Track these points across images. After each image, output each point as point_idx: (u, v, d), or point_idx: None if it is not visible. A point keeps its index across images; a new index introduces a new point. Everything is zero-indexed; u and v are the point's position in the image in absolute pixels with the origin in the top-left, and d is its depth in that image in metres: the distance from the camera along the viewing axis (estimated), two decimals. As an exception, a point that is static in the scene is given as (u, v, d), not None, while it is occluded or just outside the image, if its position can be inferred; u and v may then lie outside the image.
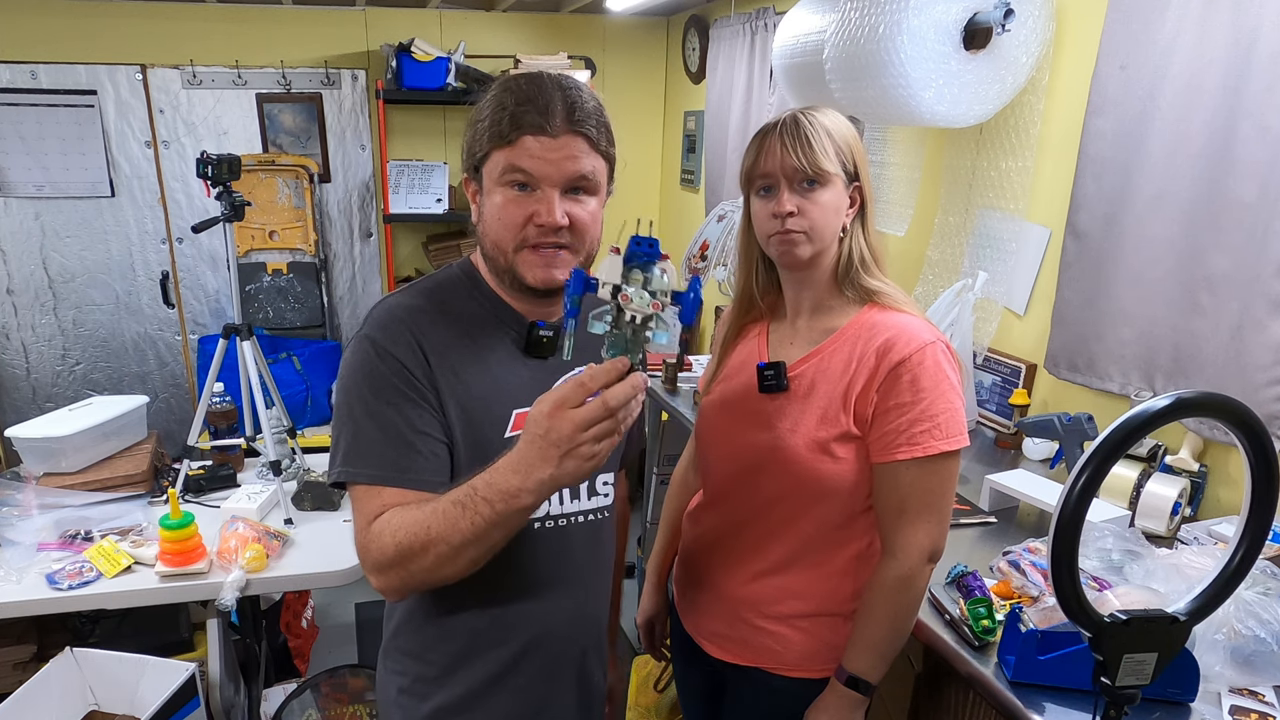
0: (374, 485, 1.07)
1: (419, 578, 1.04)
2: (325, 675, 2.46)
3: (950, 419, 1.21)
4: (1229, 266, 1.67)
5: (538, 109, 1.05)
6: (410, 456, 1.08)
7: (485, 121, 1.08)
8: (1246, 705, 1.23)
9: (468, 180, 1.15)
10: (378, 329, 1.11)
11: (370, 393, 1.08)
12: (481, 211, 1.13)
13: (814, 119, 1.25)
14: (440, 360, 1.10)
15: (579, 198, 1.10)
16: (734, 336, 1.43)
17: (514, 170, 1.06)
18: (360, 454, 1.08)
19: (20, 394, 4.12)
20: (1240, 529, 0.97)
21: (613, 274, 0.93)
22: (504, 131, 1.06)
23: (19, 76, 3.77)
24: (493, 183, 1.09)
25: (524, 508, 0.96)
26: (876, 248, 1.32)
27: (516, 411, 1.15)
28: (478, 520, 0.97)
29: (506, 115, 1.06)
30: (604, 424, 0.90)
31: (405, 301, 1.15)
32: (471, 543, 0.98)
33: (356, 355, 1.10)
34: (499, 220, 1.09)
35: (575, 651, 1.27)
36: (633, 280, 0.93)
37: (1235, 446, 1.00)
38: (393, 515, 1.04)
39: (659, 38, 4.42)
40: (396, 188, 4.03)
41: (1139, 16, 1.81)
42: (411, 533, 1.00)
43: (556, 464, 0.91)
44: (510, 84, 1.09)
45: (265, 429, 2.29)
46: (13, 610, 1.93)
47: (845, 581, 1.34)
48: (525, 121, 1.05)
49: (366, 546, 1.05)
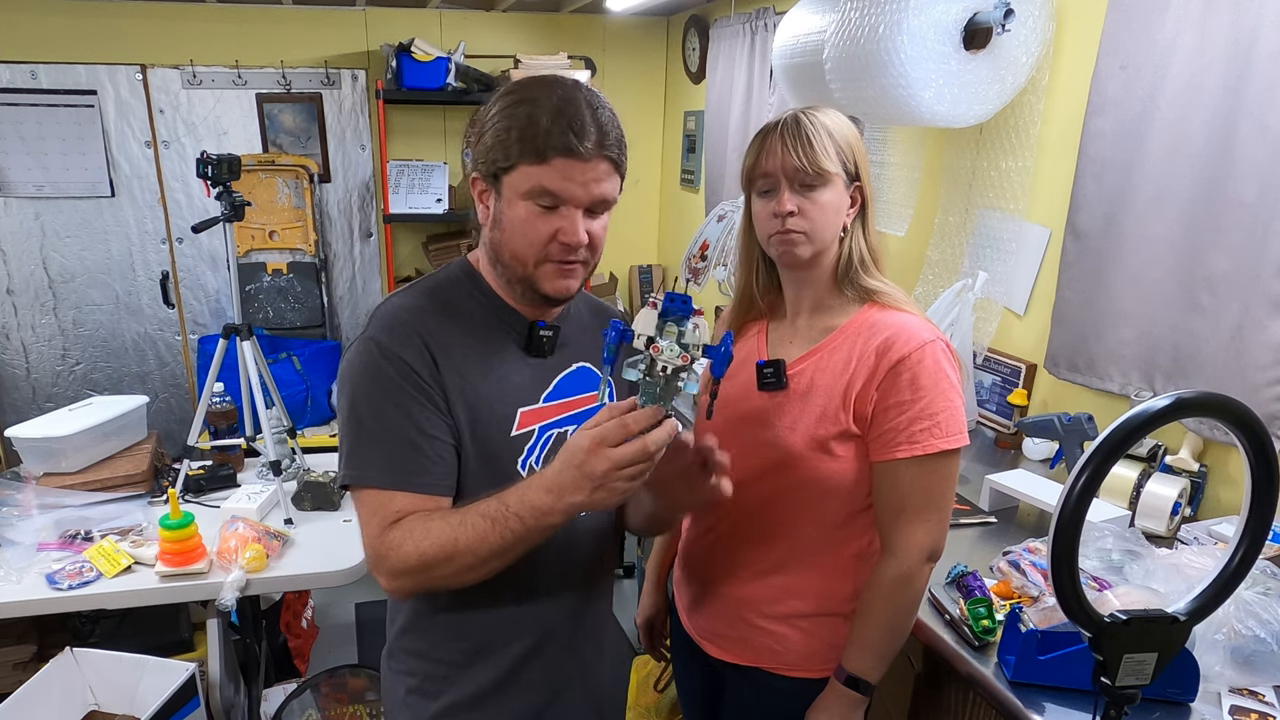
0: (385, 490, 1.08)
1: (437, 584, 1.08)
2: (325, 675, 2.46)
3: (950, 417, 1.21)
4: (1229, 266, 1.67)
5: (574, 130, 1.04)
6: (418, 460, 1.08)
7: (513, 132, 1.05)
8: (1246, 705, 1.23)
9: (477, 180, 1.13)
10: (383, 330, 1.11)
11: (378, 395, 1.08)
12: (498, 219, 1.11)
13: (815, 119, 1.25)
14: (446, 360, 1.11)
15: (597, 215, 1.11)
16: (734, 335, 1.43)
17: (543, 191, 1.06)
18: (369, 457, 1.09)
19: (20, 394, 4.12)
20: (1240, 529, 0.97)
21: (647, 326, 0.99)
22: (539, 148, 1.04)
23: (19, 76, 3.77)
24: (517, 195, 1.08)
25: (551, 525, 1.01)
26: (876, 248, 1.32)
27: (521, 410, 1.16)
28: (507, 535, 1.01)
29: (540, 132, 1.04)
30: (640, 466, 0.96)
31: (409, 302, 1.15)
32: (497, 555, 1.03)
33: (362, 357, 1.10)
34: (522, 235, 1.09)
35: (582, 646, 1.28)
36: (667, 333, 0.99)
37: (1235, 446, 1.00)
38: (414, 524, 1.06)
39: (659, 38, 4.42)
40: (396, 188, 4.03)
41: (1139, 16, 1.81)
42: (437, 544, 1.03)
43: (589, 494, 0.97)
44: (538, 93, 1.06)
45: (265, 429, 2.29)
46: (13, 610, 1.93)
47: (845, 581, 1.34)
48: (560, 143, 1.04)
49: (383, 553, 1.07)
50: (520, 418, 1.16)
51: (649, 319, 0.99)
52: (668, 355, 0.97)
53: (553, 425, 1.19)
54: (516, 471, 1.15)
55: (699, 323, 1.00)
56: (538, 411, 1.18)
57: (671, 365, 0.98)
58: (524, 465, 1.16)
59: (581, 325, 1.27)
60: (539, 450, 1.18)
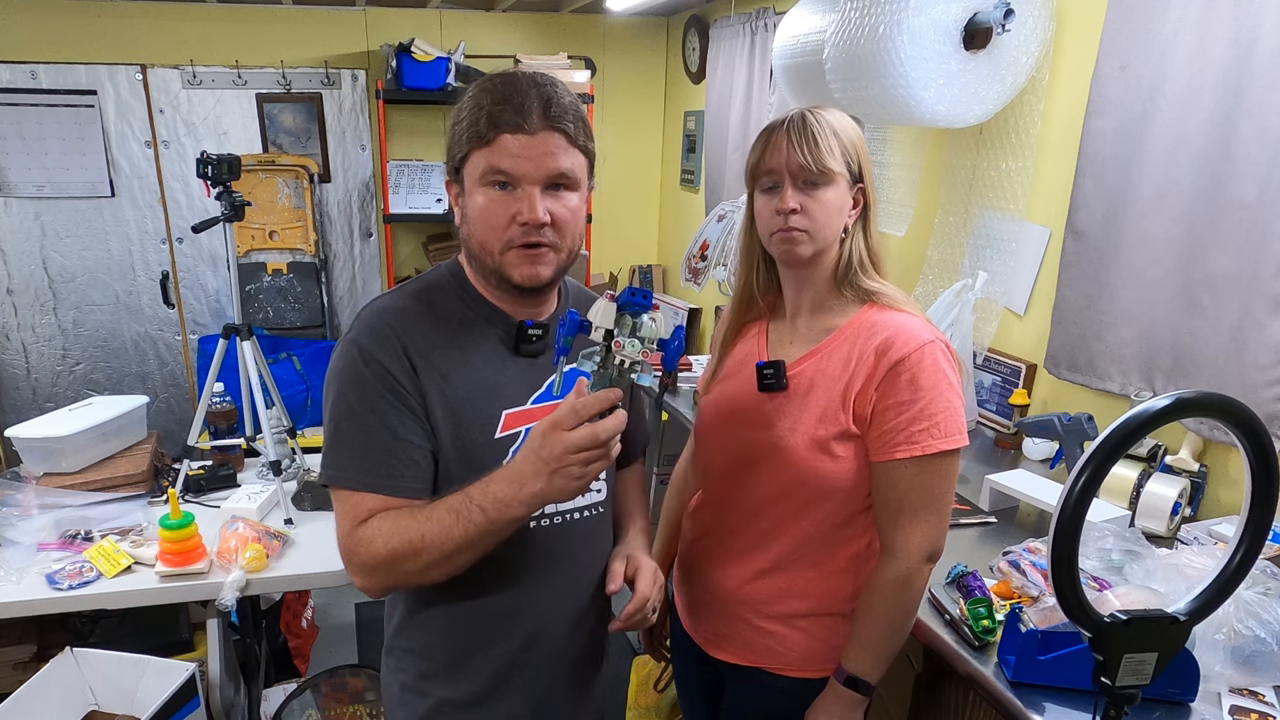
0: (357, 491, 1.10)
1: (407, 580, 1.10)
2: (325, 675, 2.46)
3: (949, 418, 1.21)
4: (1229, 266, 1.67)
5: (514, 107, 1.05)
6: (392, 463, 1.10)
7: (464, 123, 1.08)
8: (1246, 705, 1.23)
9: (450, 183, 1.16)
10: (364, 334, 1.11)
11: (356, 398, 1.10)
12: (464, 213, 1.13)
13: (821, 118, 1.25)
14: (425, 363, 1.11)
15: (559, 194, 1.10)
16: (734, 335, 1.43)
17: (494, 171, 1.07)
18: (345, 459, 1.11)
19: (20, 394, 4.12)
20: (1240, 529, 0.97)
21: (606, 319, 1.00)
22: (482, 132, 1.06)
23: (19, 76, 3.77)
24: (474, 184, 1.09)
25: (515, 518, 1.03)
26: (878, 250, 1.32)
27: (506, 412, 1.15)
28: (470, 527, 1.03)
29: (484, 115, 1.06)
30: (592, 451, 0.98)
31: (393, 304, 1.15)
32: (464, 548, 1.04)
33: (344, 360, 1.11)
34: (483, 221, 1.10)
35: (575, 644, 1.28)
36: (623, 326, 1.00)
37: (1235, 446, 1.00)
38: (383, 521, 1.08)
39: (659, 38, 4.42)
40: (396, 188, 4.03)
41: (1139, 16, 1.81)
42: (405, 539, 1.05)
43: (547, 479, 0.99)
44: (486, 84, 1.09)
45: (265, 429, 2.29)
46: (13, 610, 1.93)
47: (845, 581, 1.34)
48: (502, 120, 1.05)
49: (353, 549, 1.09)
50: (505, 419, 1.15)
51: (608, 311, 1.00)
52: (629, 350, 1.00)
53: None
54: None
55: (656, 316, 1.02)
56: (524, 413, 1.17)
57: (630, 360, 1.00)
58: None
59: None
60: None
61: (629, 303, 1.00)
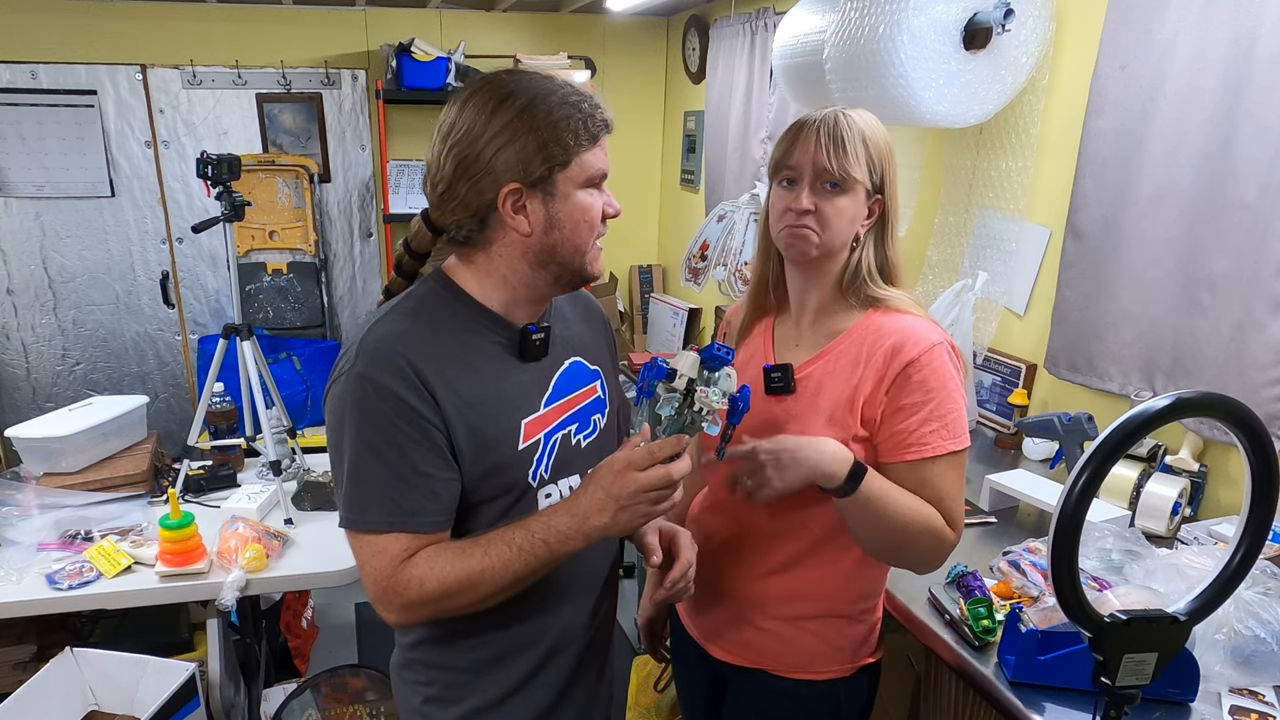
0: (386, 533, 1.07)
1: (453, 612, 1.10)
2: (325, 675, 2.46)
3: (956, 419, 1.21)
4: (1229, 266, 1.67)
5: (601, 108, 1.08)
6: (416, 499, 1.06)
7: (553, 129, 1.04)
8: (1246, 705, 1.23)
9: (509, 195, 1.05)
10: (372, 365, 1.05)
11: (373, 434, 1.05)
12: (554, 220, 1.08)
13: (854, 122, 1.23)
14: (441, 385, 1.06)
15: None
16: (750, 324, 1.41)
17: (601, 174, 1.10)
18: (369, 500, 1.07)
19: (20, 394, 4.12)
20: (1240, 529, 0.97)
21: (691, 369, 1.07)
22: (593, 133, 1.07)
23: (19, 76, 3.77)
24: (574, 186, 1.07)
25: (569, 551, 1.06)
26: (895, 260, 1.30)
27: (525, 421, 1.14)
28: (531, 561, 1.05)
29: (584, 118, 1.05)
30: (663, 491, 1.03)
31: (394, 329, 1.09)
32: (523, 579, 1.07)
33: (354, 394, 1.05)
34: (586, 224, 1.10)
35: (596, 645, 1.31)
36: (700, 377, 1.07)
37: (1235, 446, 1.00)
38: (433, 558, 1.06)
39: (659, 38, 4.42)
40: (396, 188, 4.03)
41: (1139, 16, 1.81)
42: (460, 575, 1.05)
43: (613, 516, 1.03)
44: (539, 89, 1.05)
45: (265, 429, 2.29)
46: (13, 610, 1.93)
47: (851, 583, 1.34)
48: (604, 120, 1.08)
49: (398, 589, 1.06)
50: (525, 429, 1.14)
51: (692, 362, 1.06)
52: (713, 400, 1.06)
53: (556, 429, 1.18)
54: (529, 484, 1.14)
55: (731, 373, 1.07)
56: (540, 419, 1.16)
57: (708, 408, 1.06)
58: (534, 476, 1.15)
59: (564, 318, 1.26)
60: (547, 458, 1.16)
61: (713, 357, 1.07)
